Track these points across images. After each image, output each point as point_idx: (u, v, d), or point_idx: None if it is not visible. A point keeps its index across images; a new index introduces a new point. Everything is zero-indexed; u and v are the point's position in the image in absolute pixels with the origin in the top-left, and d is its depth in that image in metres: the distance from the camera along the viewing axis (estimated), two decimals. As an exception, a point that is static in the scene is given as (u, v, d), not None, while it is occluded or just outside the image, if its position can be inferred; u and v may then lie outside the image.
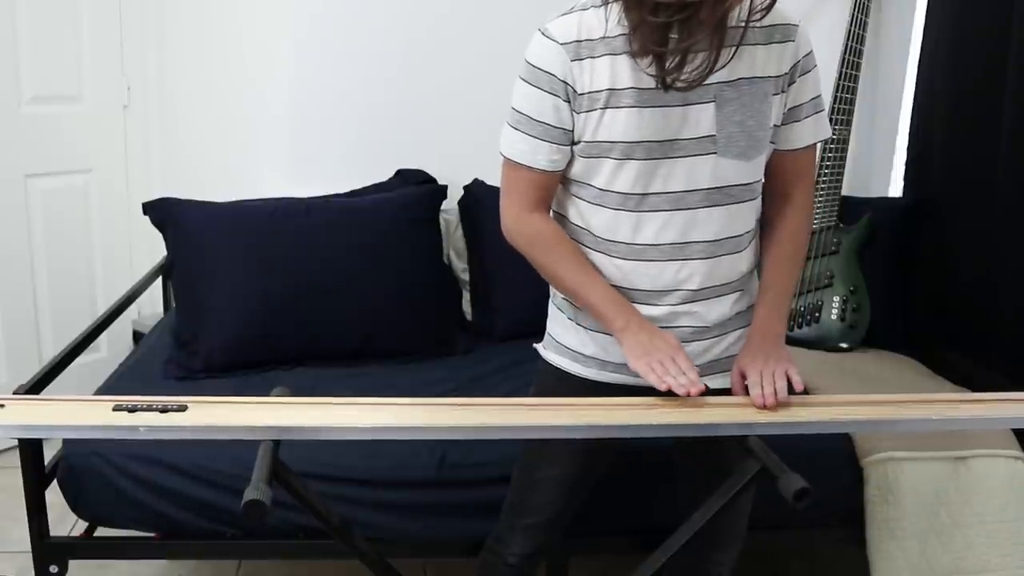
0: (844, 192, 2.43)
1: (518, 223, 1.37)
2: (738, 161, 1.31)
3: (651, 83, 1.25)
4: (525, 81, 1.31)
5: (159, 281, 2.63)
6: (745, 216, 1.36)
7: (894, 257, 2.45)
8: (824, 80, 2.41)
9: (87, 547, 1.81)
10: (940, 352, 2.28)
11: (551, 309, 1.51)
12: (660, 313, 1.37)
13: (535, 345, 1.53)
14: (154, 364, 2.14)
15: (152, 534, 1.82)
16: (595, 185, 1.33)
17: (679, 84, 1.21)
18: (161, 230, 2.27)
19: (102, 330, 2.12)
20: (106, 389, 2.02)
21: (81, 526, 1.82)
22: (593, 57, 1.27)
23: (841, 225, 2.40)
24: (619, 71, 1.27)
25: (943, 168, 2.35)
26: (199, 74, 2.72)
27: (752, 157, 1.32)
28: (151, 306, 2.84)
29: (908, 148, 2.53)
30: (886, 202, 2.55)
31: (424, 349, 2.28)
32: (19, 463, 1.67)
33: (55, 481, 1.75)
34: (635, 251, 1.34)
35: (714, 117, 1.28)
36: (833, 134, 2.39)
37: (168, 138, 2.78)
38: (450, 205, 2.54)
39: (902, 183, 2.58)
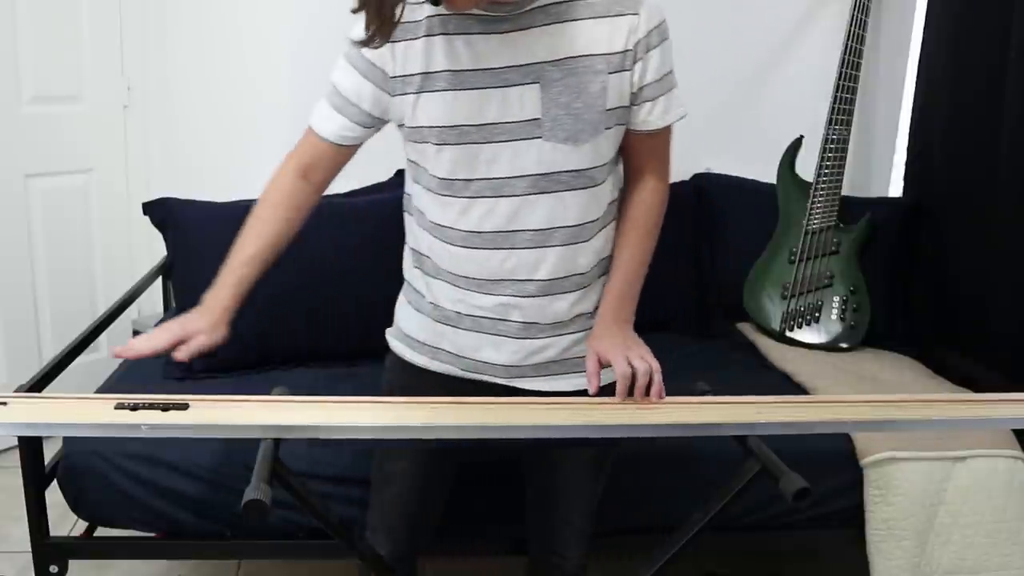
0: (844, 192, 2.43)
1: (277, 169, 1.38)
2: (567, 146, 1.23)
3: (467, 64, 1.22)
4: (344, 55, 1.30)
5: (159, 281, 2.62)
6: (582, 205, 1.28)
7: (894, 257, 2.45)
8: (824, 80, 2.45)
9: (87, 547, 1.81)
10: (940, 352, 2.28)
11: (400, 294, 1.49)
12: (490, 303, 1.32)
13: (387, 331, 1.49)
14: (154, 364, 2.14)
15: (152, 534, 1.82)
16: (424, 169, 1.31)
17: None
18: (161, 230, 2.27)
19: (102, 330, 2.12)
20: (106, 389, 2.02)
21: (81, 526, 1.82)
22: (409, 39, 1.23)
23: (841, 225, 2.40)
24: (434, 54, 1.23)
25: (943, 168, 2.35)
26: (199, 74, 2.72)
27: (583, 141, 1.24)
28: (151, 306, 2.84)
29: (908, 148, 2.54)
30: (886, 202, 2.56)
31: (424, 349, 2.28)
32: (19, 463, 1.67)
33: (55, 481, 1.75)
34: (462, 237, 1.29)
35: (540, 99, 1.22)
36: (833, 134, 2.39)
37: (168, 138, 2.78)
38: (450, 205, 2.54)
39: (902, 183, 2.58)
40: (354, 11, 1.10)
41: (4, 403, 1.23)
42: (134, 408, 1.20)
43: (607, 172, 1.31)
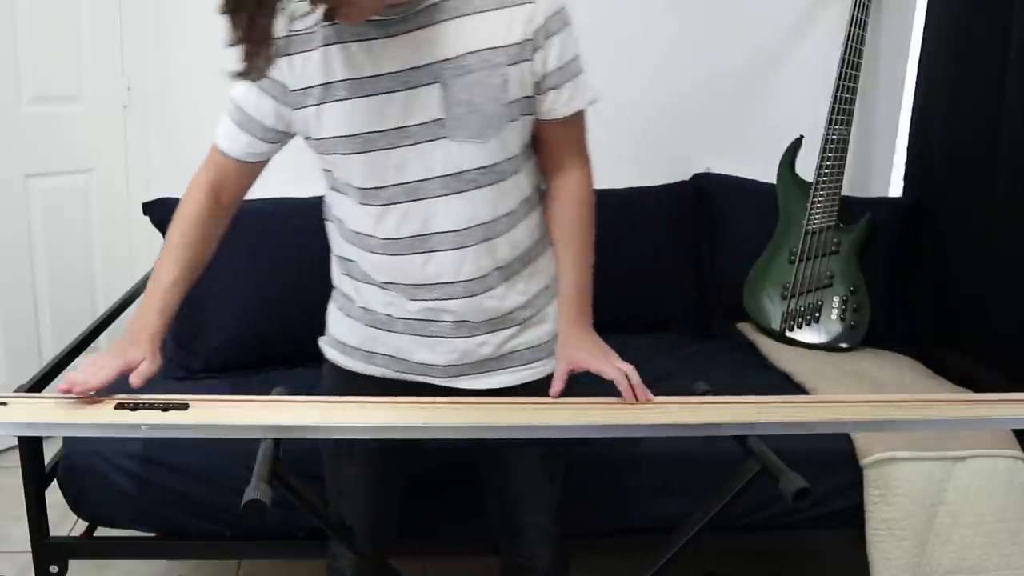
0: (844, 192, 2.43)
1: (187, 190, 1.39)
2: (472, 143, 1.22)
3: (366, 70, 1.20)
4: None
5: (159, 281, 2.63)
6: (493, 201, 1.27)
7: (894, 257, 2.45)
8: (824, 80, 2.45)
9: (87, 547, 1.81)
10: (940, 352, 2.28)
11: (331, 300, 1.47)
12: (417, 308, 1.31)
13: (319, 340, 1.49)
14: (154, 364, 2.14)
15: (152, 534, 1.82)
16: (337, 179, 1.30)
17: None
18: (161, 230, 2.27)
19: (102, 330, 2.12)
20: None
21: (81, 526, 1.82)
22: (305, 51, 1.21)
23: (841, 225, 2.40)
24: (332, 64, 1.20)
25: (943, 168, 2.35)
26: (199, 74, 2.72)
27: (488, 137, 1.22)
28: (151, 306, 2.83)
29: (908, 148, 2.54)
30: (886, 202, 2.56)
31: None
32: (19, 463, 1.67)
33: (55, 481, 1.75)
34: (381, 244, 1.28)
35: (441, 98, 1.20)
36: (833, 134, 2.39)
37: (168, 138, 2.78)
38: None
39: (902, 183, 2.58)
40: (230, 46, 1.10)
41: (4, 403, 1.23)
42: (134, 408, 1.21)
43: (518, 165, 1.29)
